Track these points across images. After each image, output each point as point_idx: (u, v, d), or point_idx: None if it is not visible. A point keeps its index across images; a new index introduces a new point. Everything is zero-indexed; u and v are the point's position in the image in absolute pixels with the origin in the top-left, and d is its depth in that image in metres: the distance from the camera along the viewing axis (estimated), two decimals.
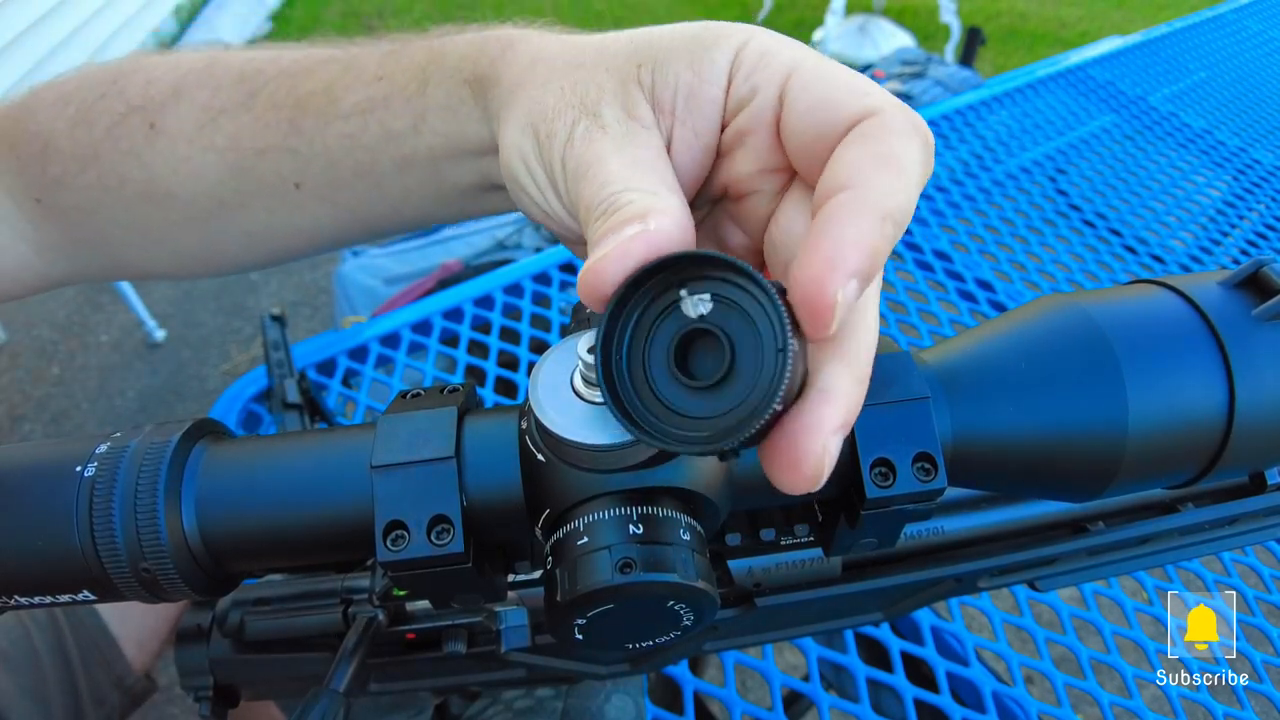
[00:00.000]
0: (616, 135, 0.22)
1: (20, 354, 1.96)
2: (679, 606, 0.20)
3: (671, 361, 0.18)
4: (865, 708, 0.48)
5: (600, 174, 0.21)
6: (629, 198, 0.20)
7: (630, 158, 0.21)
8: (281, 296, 2.13)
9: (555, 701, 0.42)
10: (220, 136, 0.32)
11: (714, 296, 0.18)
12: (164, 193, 0.34)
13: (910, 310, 0.78)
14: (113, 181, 0.34)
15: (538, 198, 0.25)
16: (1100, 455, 0.21)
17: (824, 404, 0.18)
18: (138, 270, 0.39)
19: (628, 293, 0.18)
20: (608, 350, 0.18)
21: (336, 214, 0.34)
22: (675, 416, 0.18)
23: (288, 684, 0.35)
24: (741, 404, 0.17)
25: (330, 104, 0.30)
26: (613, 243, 0.18)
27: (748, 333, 0.17)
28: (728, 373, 0.18)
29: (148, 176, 0.33)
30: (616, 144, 0.22)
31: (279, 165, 0.32)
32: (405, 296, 1.16)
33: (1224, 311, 0.22)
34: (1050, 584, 0.32)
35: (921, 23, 3.38)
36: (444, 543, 0.20)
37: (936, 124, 1.05)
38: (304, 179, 0.32)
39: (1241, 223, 0.94)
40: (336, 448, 0.23)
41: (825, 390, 0.18)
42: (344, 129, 0.30)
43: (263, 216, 0.34)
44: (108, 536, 0.21)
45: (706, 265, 0.18)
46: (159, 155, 0.33)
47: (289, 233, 0.35)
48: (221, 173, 0.33)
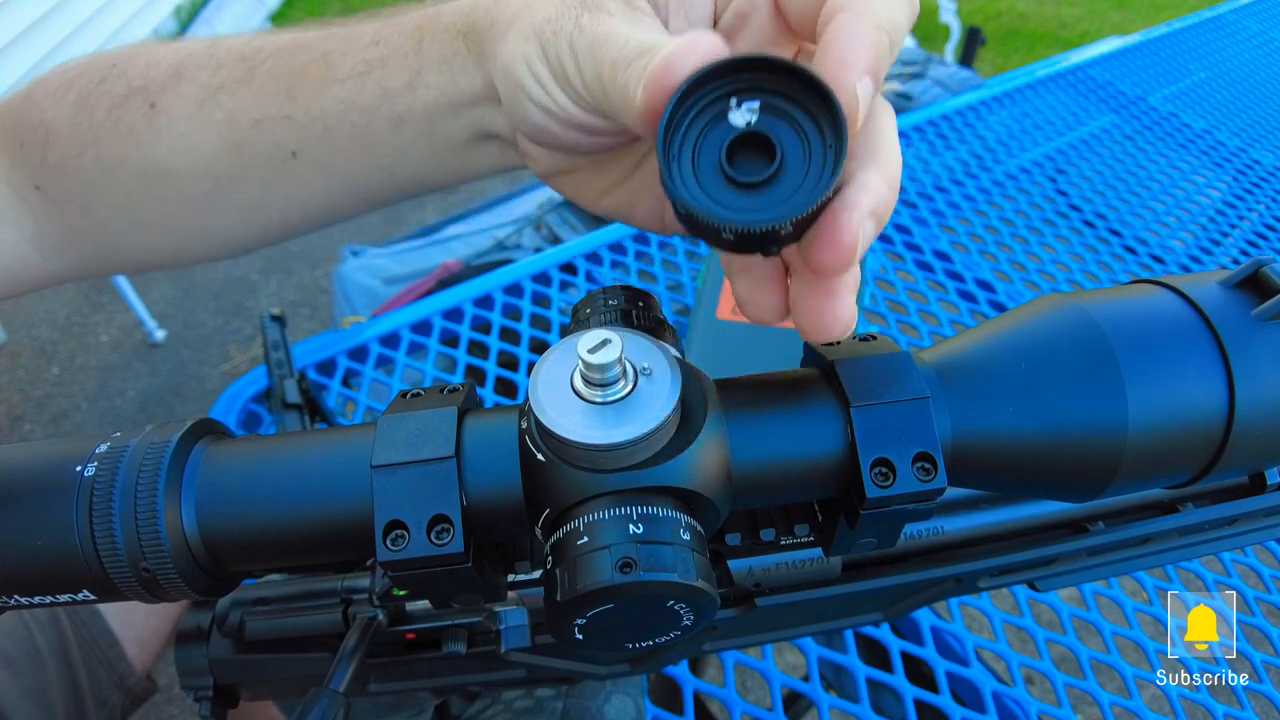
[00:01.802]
0: (620, 17, 0.23)
1: (20, 354, 1.96)
2: (679, 606, 0.20)
3: (723, 163, 0.19)
4: (865, 708, 0.48)
5: (619, 37, 0.22)
6: (660, 40, 0.21)
7: (638, 30, 0.23)
8: (281, 296, 2.13)
9: (555, 701, 0.42)
10: (219, 112, 0.32)
11: (762, 105, 0.19)
12: (161, 171, 0.34)
13: (910, 310, 0.78)
14: (111, 163, 0.34)
15: (540, 96, 0.26)
16: (1100, 455, 0.21)
17: (862, 191, 0.20)
18: (136, 259, 0.39)
19: (692, 87, 0.19)
20: (669, 147, 0.19)
21: (330, 183, 0.34)
22: (730, 212, 0.19)
23: (288, 684, 0.35)
24: (796, 193, 0.19)
25: (328, 69, 0.31)
26: (679, 43, 0.20)
27: (793, 136, 0.19)
28: (776, 172, 0.19)
29: (145, 155, 0.34)
30: (622, 20, 0.23)
31: (275, 135, 0.32)
32: (405, 296, 1.16)
33: (1224, 311, 0.22)
34: (1050, 584, 0.32)
35: (921, 23, 3.37)
36: (444, 542, 0.20)
37: (936, 124, 1.05)
38: (300, 146, 0.33)
39: (1241, 223, 0.94)
40: (336, 448, 0.23)
41: (863, 184, 0.20)
42: (340, 93, 0.31)
43: (258, 191, 0.34)
44: (108, 536, 0.21)
45: (763, 70, 0.19)
46: (158, 134, 0.33)
47: (284, 206, 0.35)
48: (218, 148, 0.33)
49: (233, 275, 2.20)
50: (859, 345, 0.23)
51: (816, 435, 0.21)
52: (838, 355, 0.22)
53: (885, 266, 0.83)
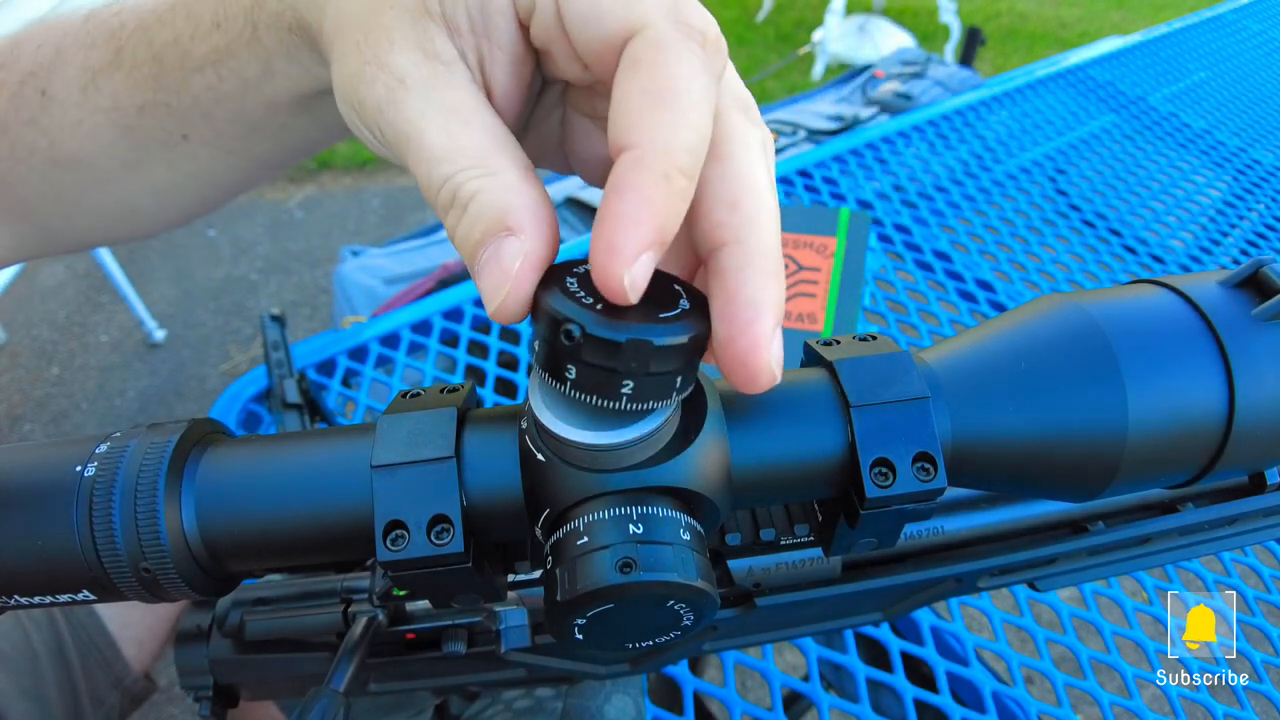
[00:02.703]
0: (418, 87, 0.21)
1: (20, 354, 1.96)
2: (679, 606, 0.20)
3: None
4: (865, 708, 0.48)
5: (421, 150, 0.20)
6: (469, 187, 0.20)
7: (442, 113, 0.20)
8: (281, 296, 2.13)
9: (555, 701, 0.42)
10: (102, 97, 0.32)
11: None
12: (68, 159, 0.33)
13: (910, 310, 0.78)
14: (23, 152, 0.34)
15: (377, 148, 0.24)
16: (1100, 455, 0.21)
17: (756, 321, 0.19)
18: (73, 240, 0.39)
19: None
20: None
21: (230, 160, 0.33)
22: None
23: (288, 684, 0.35)
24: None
25: (184, 57, 0.30)
26: (497, 278, 0.19)
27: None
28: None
29: (50, 143, 0.33)
30: (423, 98, 0.21)
31: (161, 121, 0.32)
32: (405, 296, 1.16)
33: (1224, 311, 0.22)
34: (1050, 584, 0.32)
35: (921, 23, 3.38)
36: (444, 542, 0.20)
37: (936, 124, 1.05)
38: (188, 130, 0.32)
39: (1241, 223, 0.94)
40: (336, 448, 0.23)
41: (754, 302, 0.19)
42: (203, 81, 0.30)
43: (164, 171, 0.34)
44: (108, 536, 0.21)
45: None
46: (54, 121, 0.33)
47: (197, 183, 0.35)
48: (113, 133, 0.32)
49: (233, 275, 2.20)
50: (859, 345, 0.23)
51: (816, 435, 0.21)
52: (838, 355, 0.22)
53: (885, 266, 0.83)
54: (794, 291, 0.72)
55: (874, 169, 0.97)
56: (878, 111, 1.48)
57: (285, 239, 2.32)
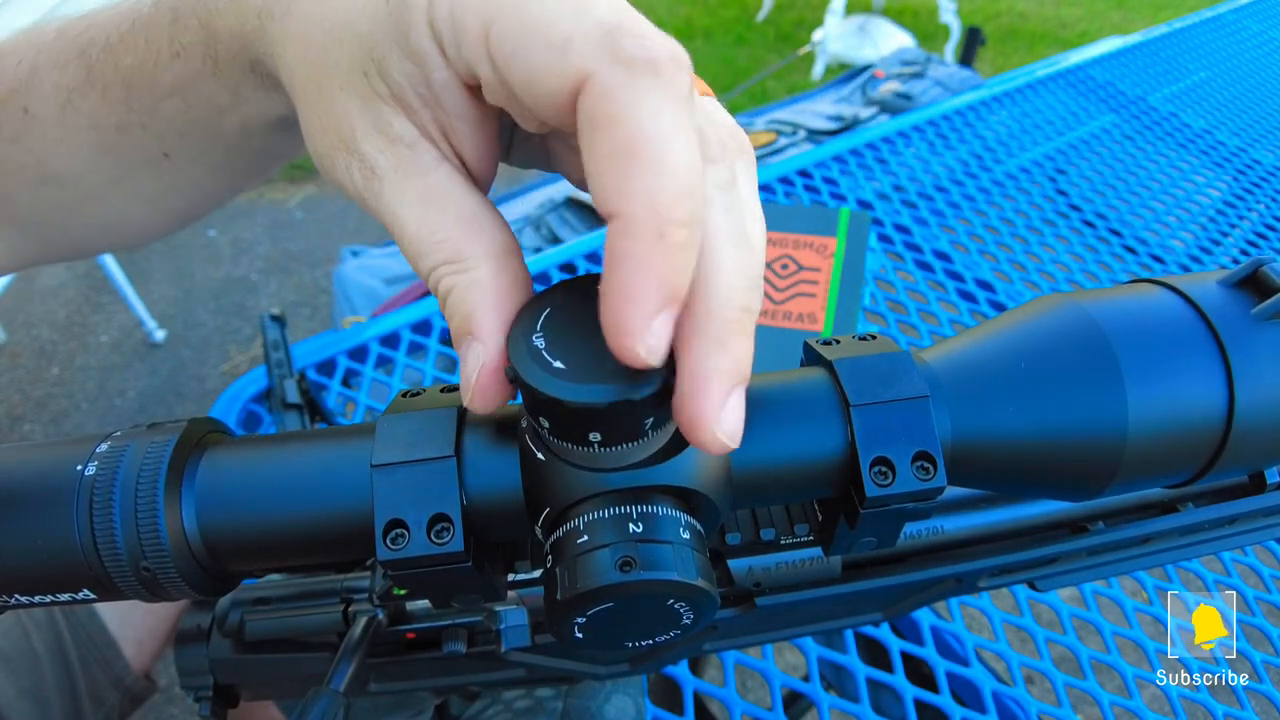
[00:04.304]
0: (390, 176, 0.21)
1: (20, 354, 1.96)
2: (679, 605, 0.20)
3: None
4: (865, 708, 0.48)
5: (403, 243, 0.21)
6: (444, 285, 0.20)
7: (416, 203, 0.21)
8: (281, 296, 2.13)
9: (555, 701, 0.42)
10: (80, 117, 0.31)
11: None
12: (55, 175, 0.33)
13: (910, 310, 0.78)
14: (12, 168, 0.34)
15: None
16: (1100, 454, 0.21)
17: (697, 394, 0.18)
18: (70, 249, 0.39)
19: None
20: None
21: (214, 174, 0.34)
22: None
23: (288, 684, 0.35)
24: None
25: (151, 84, 0.29)
26: (466, 379, 0.20)
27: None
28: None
29: (36, 160, 0.33)
30: (395, 187, 0.21)
31: (140, 140, 0.32)
32: (405, 296, 1.16)
33: (1223, 311, 0.22)
34: (1050, 584, 0.32)
35: (921, 23, 3.38)
36: (444, 542, 0.20)
37: (936, 124, 1.05)
38: (168, 149, 0.32)
39: (1241, 223, 0.94)
40: (336, 448, 0.23)
41: (697, 373, 0.18)
42: (173, 106, 0.29)
43: (152, 185, 0.34)
44: (108, 536, 0.21)
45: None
46: (38, 140, 0.33)
47: (185, 195, 0.35)
48: (96, 151, 0.32)
49: (233, 275, 2.20)
50: (859, 345, 0.23)
51: (816, 434, 0.21)
52: (837, 355, 0.22)
53: (885, 266, 0.83)
54: (794, 291, 0.72)
55: (874, 169, 0.97)
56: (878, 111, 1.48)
57: (285, 239, 2.32)
